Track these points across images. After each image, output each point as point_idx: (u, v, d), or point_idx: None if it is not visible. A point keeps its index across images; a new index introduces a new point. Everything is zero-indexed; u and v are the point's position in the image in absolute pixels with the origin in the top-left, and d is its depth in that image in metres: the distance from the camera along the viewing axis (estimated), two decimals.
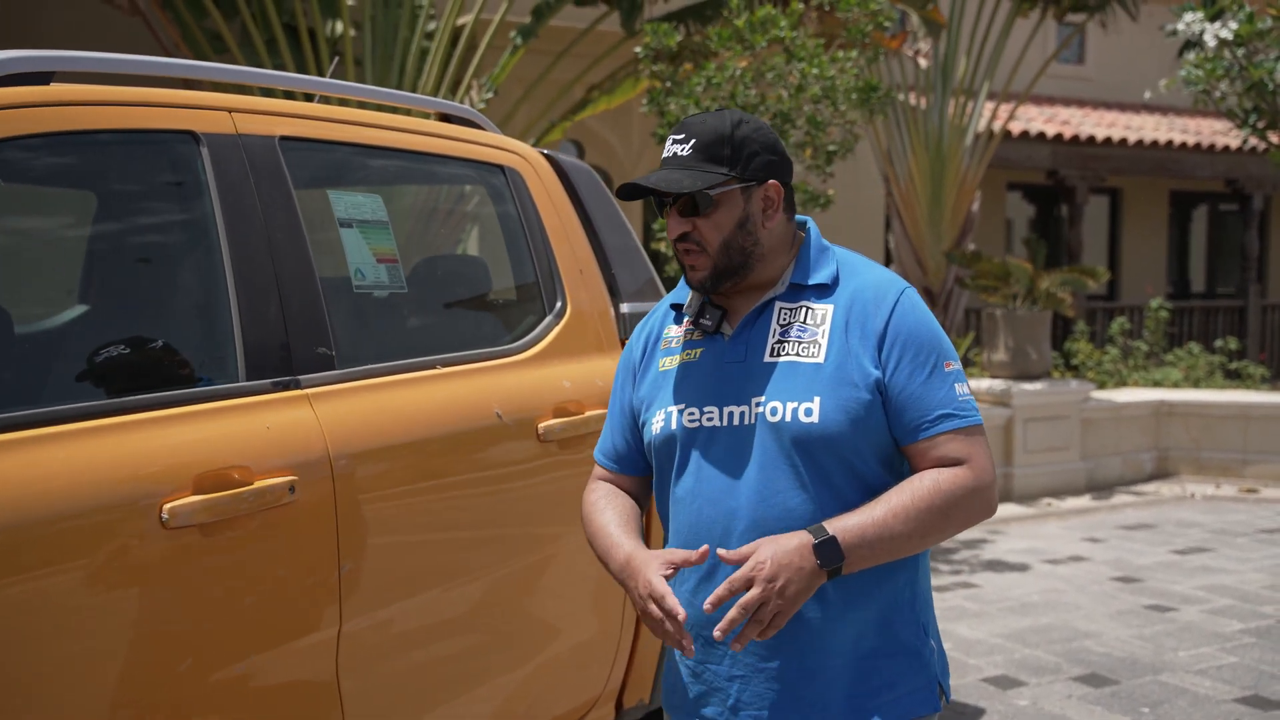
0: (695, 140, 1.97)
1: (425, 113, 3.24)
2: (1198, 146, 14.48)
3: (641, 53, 7.25)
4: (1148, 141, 13.99)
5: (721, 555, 1.84)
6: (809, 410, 1.90)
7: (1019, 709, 4.46)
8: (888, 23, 7.40)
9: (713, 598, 1.82)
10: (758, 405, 1.94)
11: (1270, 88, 9.86)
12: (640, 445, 2.14)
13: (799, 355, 1.95)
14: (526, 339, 2.94)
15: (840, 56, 6.92)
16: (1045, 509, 8.57)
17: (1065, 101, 15.20)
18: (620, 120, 11.19)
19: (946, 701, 2.04)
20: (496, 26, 8.03)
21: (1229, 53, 10.05)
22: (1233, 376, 11.83)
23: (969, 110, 10.62)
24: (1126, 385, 10.81)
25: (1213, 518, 8.12)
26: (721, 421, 1.97)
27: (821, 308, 1.98)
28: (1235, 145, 13.86)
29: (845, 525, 1.84)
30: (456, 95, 7.89)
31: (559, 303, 3.03)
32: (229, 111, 2.46)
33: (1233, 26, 9.92)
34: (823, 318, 1.97)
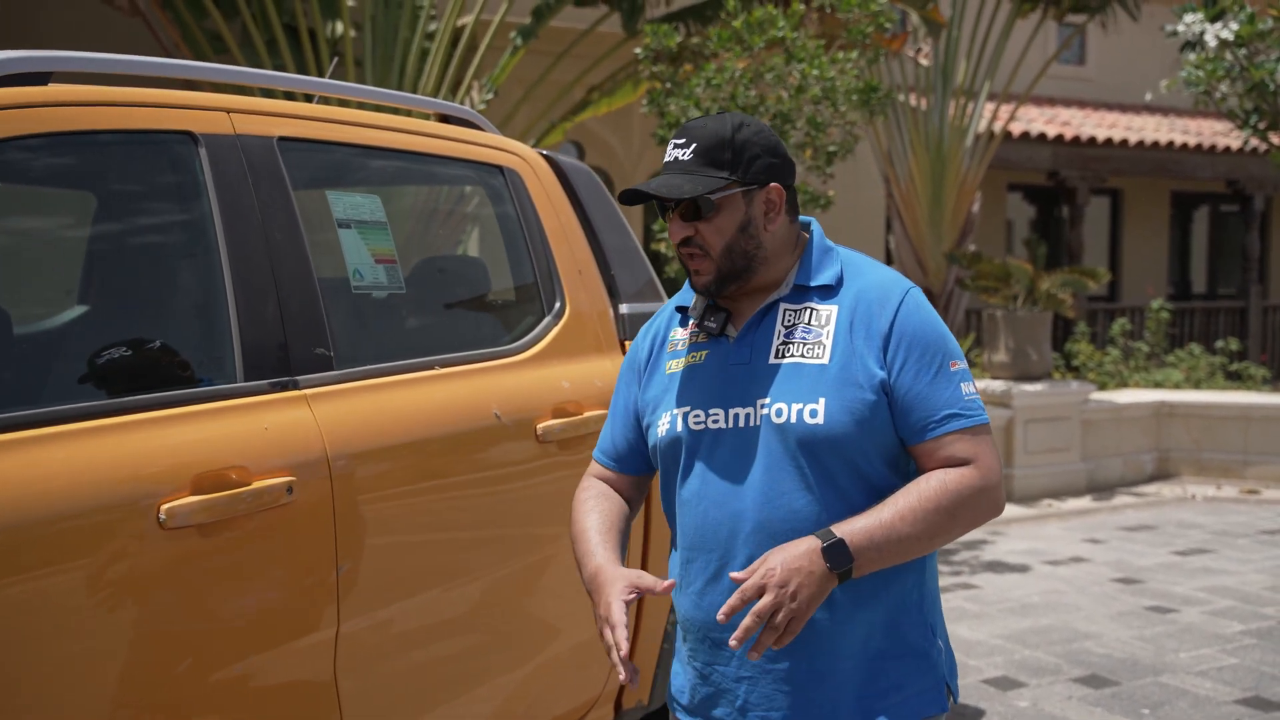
0: (696, 144, 1.97)
1: (424, 113, 3.24)
2: (1199, 147, 14.47)
3: (641, 54, 7.25)
4: (1148, 142, 13.98)
5: (734, 578, 1.83)
6: (814, 412, 1.90)
7: (1019, 710, 4.45)
8: (889, 24, 7.40)
9: (725, 608, 1.80)
10: (763, 407, 1.94)
11: (1271, 88, 9.86)
12: (640, 446, 2.14)
13: (804, 356, 1.94)
14: (525, 340, 2.94)
15: (840, 57, 6.91)
16: (1046, 510, 8.56)
17: (1066, 102, 15.19)
18: (620, 121, 11.19)
19: (954, 702, 2.04)
20: (496, 27, 8.03)
21: (1230, 53, 10.04)
22: (1234, 377, 11.81)
23: (969, 111, 10.62)
24: (1127, 386, 10.80)
25: (1214, 519, 8.12)
26: (727, 424, 1.96)
27: (826, 309, 1.98)
28: (1236, 146, 13.84)
29: (853, 528, 1.84)
30: (457, 96, 7.89)
31: (558, 303, 3.03)
32: (227, 112, 2.46)
33: (1233, 27, 9.92)
34: (827, 319, 1.97)
